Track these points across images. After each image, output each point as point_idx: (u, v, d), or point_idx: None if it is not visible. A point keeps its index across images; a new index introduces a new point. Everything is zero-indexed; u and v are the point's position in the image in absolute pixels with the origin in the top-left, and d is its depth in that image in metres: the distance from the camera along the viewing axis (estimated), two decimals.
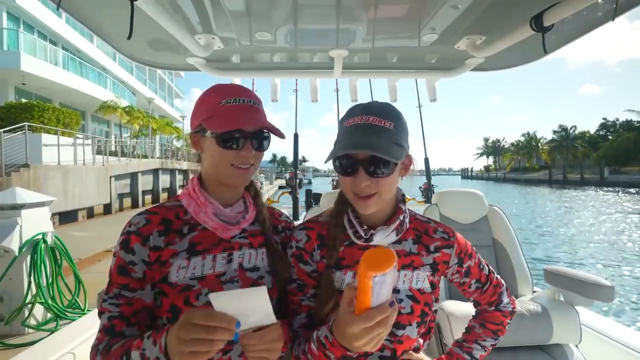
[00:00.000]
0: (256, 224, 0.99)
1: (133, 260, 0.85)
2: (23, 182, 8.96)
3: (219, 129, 0.87)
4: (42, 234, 3.57)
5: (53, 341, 1.76)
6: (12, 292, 3.38)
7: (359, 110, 0.87)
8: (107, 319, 0.84)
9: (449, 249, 0.98)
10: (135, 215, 0.91)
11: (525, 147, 76.57)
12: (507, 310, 1.04)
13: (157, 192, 18.83)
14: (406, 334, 0.89)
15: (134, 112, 22.47)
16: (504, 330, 1.05)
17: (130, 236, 0.86)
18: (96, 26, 1.40)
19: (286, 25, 1.40)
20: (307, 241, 0.95)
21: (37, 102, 12.72)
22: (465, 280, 1.01)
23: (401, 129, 0.87)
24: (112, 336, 0.83)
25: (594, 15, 1.25)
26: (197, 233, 0.91)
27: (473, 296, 1.04)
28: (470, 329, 1.07)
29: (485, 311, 1.06)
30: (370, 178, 0.84)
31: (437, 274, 0.97)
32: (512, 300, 1.07)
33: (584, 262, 9.56)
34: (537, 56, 1.71)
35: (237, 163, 0.89)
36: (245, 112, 0.89)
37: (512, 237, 2.21)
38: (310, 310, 0.91)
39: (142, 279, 0.85)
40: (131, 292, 0.85)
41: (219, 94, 0.91)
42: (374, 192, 0.85)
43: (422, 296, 0.93)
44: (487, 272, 1.03)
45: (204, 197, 0.92)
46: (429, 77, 2.28)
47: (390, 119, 0.85)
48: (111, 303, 0.84)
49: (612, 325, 1.96)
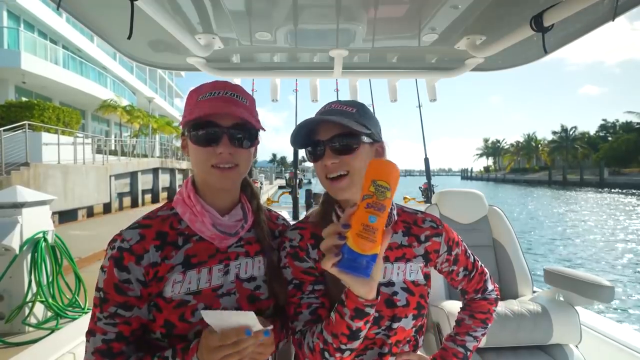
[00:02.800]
0: (252, 231, 0.95)
1: (129, 279, 0.80)
2: (23, 180, 8.96)
3: (187, 120, 0.83)
4: (43, 232, 3.58)
5: (53, 340, 1.76)
6: (13, 291, 3.38)
7: (326, 105, 0.95)
8: (102, 342, 0.78)
9: (438, 237, 0.99)
10: (127, 228, 0.84)
11: (525, 148, 76.62)
12: (492, 298, 1.07)
13: (156, 192, 18.82)
14: (401, 325, 0.90)
15: (134, 112, 22.46)
16: (492, 317, 1.06)
17: (123, 253, 0.80)
18: (96, 26, 1.40)
19: (286, 25, 1.40)
20: (301, 239, 0.94)
21: (37, 101, 12.72)
22: (453, 268, 1.02)
23: (365, 115, 0.91)
24: (110, 358, 0.78)
25: (594, 15, 1.25)
26: (192, 245, 0.86)
27: (461, 284, 1.06)
28: (460, 321, 1.08)
29: (472, 302, 1.08)
30: (337, 156, 0.86)
31: (429, 264, 0.99)
32: (496, 287, 1.09)
33: (584, 262, 9.56)
34: (537, 56, 1.71)
35: (217, 162, 0.83)
36: (219, 102, 0.84)
37: (512, 237, 2.22)
38: (312, 306, 0.88)
39: (139, 297, 0.81)
40: (129, 310, 0.80)
41: (197, 92, 0.88)
42: (344, 173, 0.86)
43: (416, 288, 0.94)
44: (472, 260, 1.05)
45: (200, 205, 0.87)
46: (429, 77, 2.28)
47: (353, 106, 0.91)
48: (107, 323, 0.79)
49: (612, 325, 1.97)
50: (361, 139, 0.87)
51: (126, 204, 16.11)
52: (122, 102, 21.45)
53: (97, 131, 22.21)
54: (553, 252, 10.78)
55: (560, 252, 10.79)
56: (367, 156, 0.88)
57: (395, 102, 2.49)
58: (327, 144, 0.87)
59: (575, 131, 63.67)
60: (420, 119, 5.83)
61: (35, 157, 10.48)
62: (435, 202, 2.38)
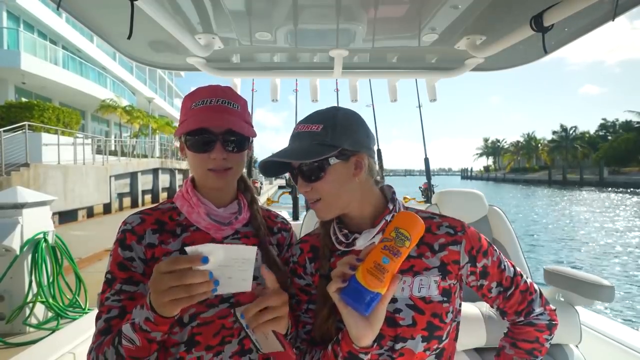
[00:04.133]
0: (250, 226, 0.98)
1: (132, 257, 0.85)
2: (23, 181, 8.96)
3: (183, 131, 0.87)
4: (43, 233, 3.58)
5: (53, 340, 1.77)
6: (13, 291, 3.38)
7: (296, 126, 0.88)
8: (104, 321, 0.81)
9: (456, 245, 0.84)
10: (130, 215, 0.91)
11: (524, 148, 76.65)
12: (542, 324, 0.87)
13: (156, 192, 18.83)
14: (407, 347, 0.79)
15: (134, 112, 22.47)
16: (543, 348, 0.88)
17: (126, 234, 0.87)
18: (96, 26, 1.40)
19: (286, 25, 1.40)
20: (300, 254, 0.93)
21: (37, 102, 12.73)
22: (483, 283, 0.85)
23: (335, 129, 0.81)
24: (109, 334, 0.80)
25: (594, 15, 1.25)
26: (189, 234, 0.90)
27: (496, 303, 0.88)
28: (500, 350, 0.93)
29: (515, 326, 0.91)
30: (308, 184, 0.83)
31: (449, 277, 0.83)
32: (550, 311, 0.89)
33: (584, 262, 9.56)
34: (537, 56, 1.71)
35: (212, 166, 0.88)
36: (210, 112, 0.87)
37: (512, 237, 2.21)
38: (306, 327, 0.87)
39: (143, 274, 0.85)
40: (134, 285, 0.84)
41: (191, 98, 0.90)
42: (317, 198, 0.83)
43: (427, 305, 0.80)
44: (511, 273, 0.87)
45: (197, 197, 0.92)
46: (429, 77, 2.28)
47: (319, 122, 0.83)
48: (113, 300, 0.82)
49: (612, 325, 1.97)
50: (327, 162, 0.80)
51: (126, 204, 16.11)
52: (121, 102, 21.46)
53: (97, 131, 22.21)
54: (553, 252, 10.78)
55: (561, 251, 10.79)
56: (342, 176, 0.82)
57: (395, 102, 2.50)
58: (297, 173, 0.85)
59: (575, 131, 63.74)
60: (420, 119, 5.84)
61: (35, 157, 10.49)
62: (435, 202, 2.38)
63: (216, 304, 0.86)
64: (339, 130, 0.82)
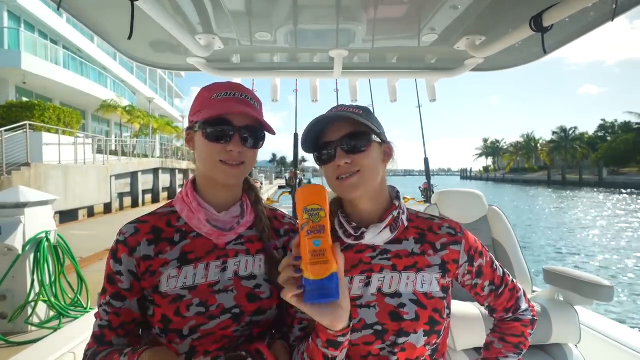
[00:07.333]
0: (254, 229, 0.95)
1: (120, 271, 0.84)
2: (24, 181, 8.96)
3: (204, 117, 0.86)
4: (45, 232, 3.59)
5: (55, 340, 1.77)
6: (16, 290, 3.40)
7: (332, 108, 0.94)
8: (98, 327, 0.85)
9: (456, 245, 0.90)
10: (126, 224, 0.89)
11: (524, 148, 76.57)
12: (527, 319, 0.95)
13: (157, 192, 18.83)
14: (409, 341, 0.81)
15: (135, 112, 22.46)
16: (527, 342, 0.95)
17: (119, 246, 0.86)
18: (97, 26, 1.40)
19: (286, 25, 1.40)
20: None
21: (37, 101, 12.73)
22: (477, 281, 0.92)
23: (371, 118, 0.89)
24: (100, 344, 0.84)
25: (593, 15, 1.25)
26: (189, 241, 0.88)
27: (487, 301, 0.95)
28: (489, 345, 0.98)
29: (503, 322, 0.97)
30: (349, 155, 0.84)
31: (448, 275, 0.88)
32: (532, 307, 0.97)
33: (584, 262, 9.55)
34: (536, 56, 1.71)
35: (225, 159, 0.86)
36: (234, 103, 0.87)
37: (511, 237, 2.22)
38: (302, 323, 0.87)
39: (129, 290, 0.85)
40: (119, 301, 0.84)
41: (210, 90, 0.90)
42: (356, 170, 0.84)
43: (429, 301, 0.84)
44: (501, 273, 0.94)
45: (197, 202, 0.89)
46: (429, 78, 2.28)
47: (358, 108, 0.89)
48: (103, 310, 0.85)
49: (611, 325, 1.97)
50: (371, 138, 0.86)
51: (127, 204, 16.12)
52: (122, 102, 21.45)
53: (97, 131, 22.22)
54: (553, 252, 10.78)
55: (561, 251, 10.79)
56: (377, 156, 0.87)
57: (395, 102, 2.50)
58: (338, 145, 0.85)
59: (576, 131, 63.67)
60: (420, 119, 5.83)
61: (36, 157, 10.49)
62: (435, 202, 2.38)
63: (217, 315, 0.84)
64: (374, 119, 0.90)
